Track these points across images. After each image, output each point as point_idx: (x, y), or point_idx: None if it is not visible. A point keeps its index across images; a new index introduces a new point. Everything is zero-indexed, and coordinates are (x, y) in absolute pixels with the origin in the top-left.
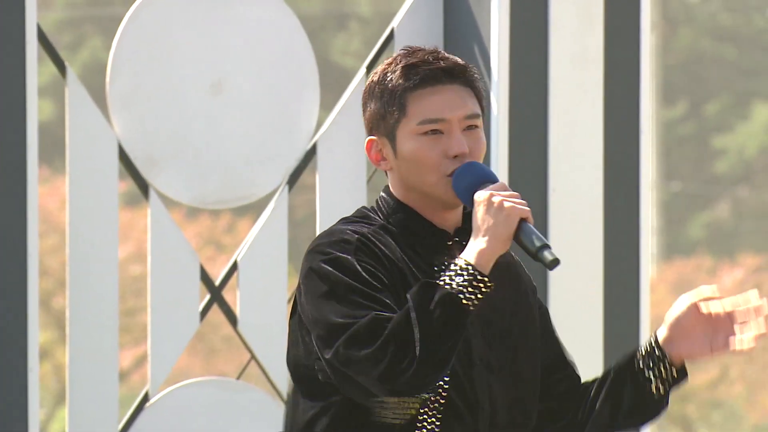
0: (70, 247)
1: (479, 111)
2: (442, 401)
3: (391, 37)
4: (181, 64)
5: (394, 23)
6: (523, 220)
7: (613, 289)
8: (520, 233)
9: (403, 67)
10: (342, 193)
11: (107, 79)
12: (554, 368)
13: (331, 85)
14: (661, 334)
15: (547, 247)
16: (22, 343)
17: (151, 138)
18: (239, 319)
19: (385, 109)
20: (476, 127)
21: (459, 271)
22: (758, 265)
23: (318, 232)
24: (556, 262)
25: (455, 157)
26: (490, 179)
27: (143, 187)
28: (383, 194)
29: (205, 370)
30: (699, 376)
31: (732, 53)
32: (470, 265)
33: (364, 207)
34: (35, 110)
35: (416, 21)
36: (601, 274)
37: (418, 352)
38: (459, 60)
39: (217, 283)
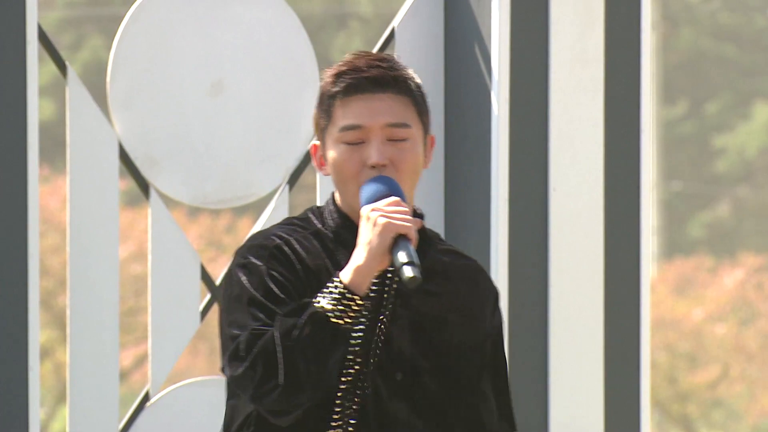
0: (70, 246)
1: (409, 122)
2: (354, 414)
3: (391, 36)
4: (182, 64)
5: (395, 23)
6: (402, 236)
7: (614, 288)
8: (394, 249)
9: (332, 74)
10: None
11: (108, 79)
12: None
13: None
14: None
15: (410, 264)
16: (23, 342)
17: (151, 137)
18: None
19: (319, 116)
20: (404, 138)
21: (331, 289)
22: (759, 264)
23: None
24: (413, 281)
25: (373, 167)
26: (385, 194)
27: (144, 186)
28: (329, 197)
29: (206, 370)
30: (699, 375)
31: (733, 53)
32: (341, 283)
33: (311, 207)
34: (36, 110)
35: (417, 21)
36: (602, 274)
37: (281, 374)
38: (398, 70)
39: (217, 282)
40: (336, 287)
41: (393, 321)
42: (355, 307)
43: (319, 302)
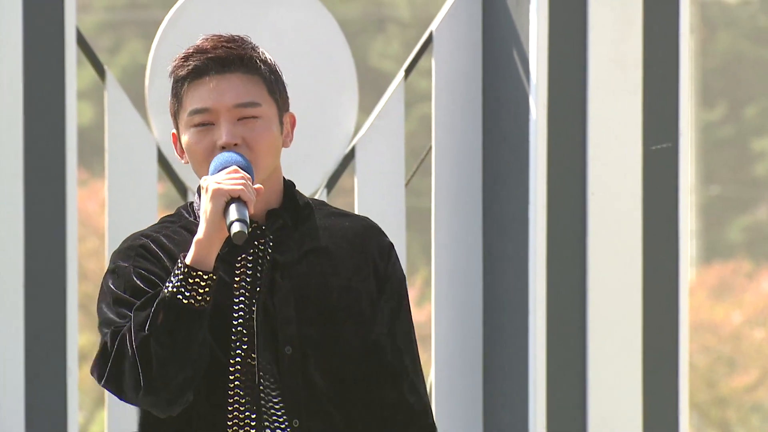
0: (109, 250)
1: (259, 100)
2: (249, 395)
3: (429, 40)
4: None
5: (433, 27)
6: (236, 200)
7: (652, 292)
8: (225, 213)
9: (180, 57)
10: (380, 196)
11: (146, 83)
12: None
13: (370, 88)
14: None
15: (238, 221)
16: (62, 345)
17: None
18: None
19: (173, 103)
20: (254, 117)
21: (176, 272)
22: None
23: None
24: (237, 236)
25: (223, 148)
26: (225, 167)
27: (182, 189)
28: (198, 188)
29: None
30: (738, 379)
31: None
32: (183, 263)
33: (187, 202)
34: (74, 114)
35: (455, 24)
36: (640, 278)
37: (140, 362)
38: (245, 49)
39: None
40: (179, 268)
41: (274, 293)
42: (203, 284)
43: (168, 287)
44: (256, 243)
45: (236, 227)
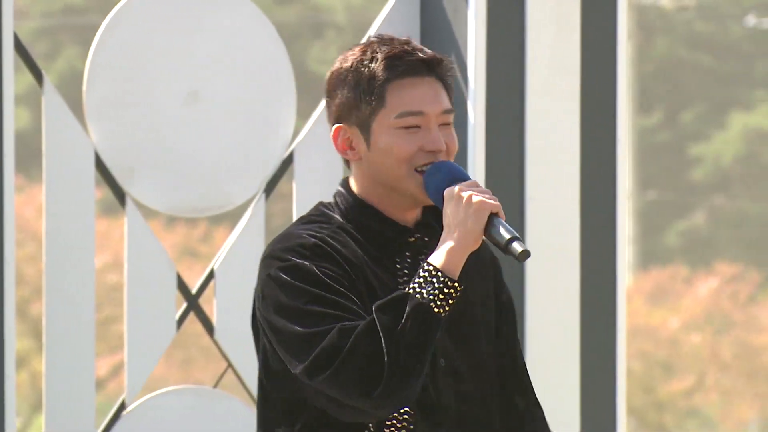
0: (46, 255)
1: (452, 107)
2: (410, 409)
3: None
4: (158, 73)
5: (370, 32)
6: (494, 215)
7: (590, 297)
8: (490, 228)
9: (385, 57)
10: (318, 201)
11: (84, 88)
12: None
13: (308, 93)
14: None
15: (516, 239)
16: None
17: (127, 146)
18: (216, 328)
19: (360, 98)
20: (450, 123)
21: (428, 278)
22: (734, 273)
23: None
24: (525, 254)
25: (430, 152)
26: (461, 177)
27: (120, 195)
28: (341, 189)
29: (182, 379)
30: (675, 384)
31: (708, 61)
32: (439, 270)
33: (321, 203)
34: (12, 119)
35: (393, 29)
36: (578, 283)
37: (387, 367)
38: (435, 52)
39: (193, 291)
40: (435, 276)
41: None
42: (455, 294)
43: (421, 294)
44: (408, 253)
45: (520, 246)
